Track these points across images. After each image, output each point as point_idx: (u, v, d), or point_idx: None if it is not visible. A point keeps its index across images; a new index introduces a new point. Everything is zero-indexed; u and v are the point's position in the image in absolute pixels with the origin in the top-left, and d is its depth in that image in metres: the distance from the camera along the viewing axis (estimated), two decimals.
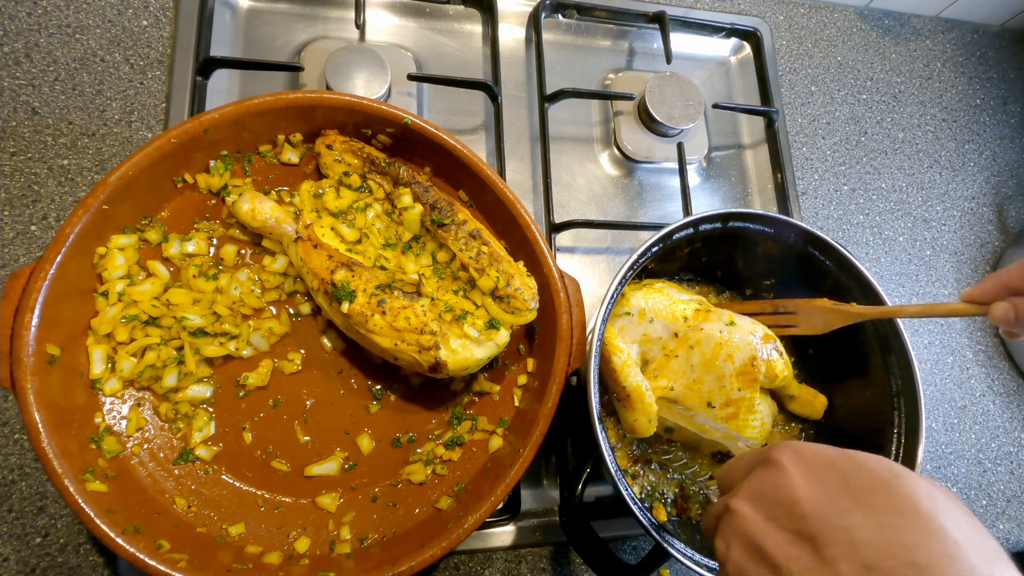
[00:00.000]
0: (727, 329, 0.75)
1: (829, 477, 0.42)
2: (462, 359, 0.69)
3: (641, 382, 0.73)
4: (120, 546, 0.58)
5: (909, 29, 1.29)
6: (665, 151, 1.03)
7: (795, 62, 1.19)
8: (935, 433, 1.05)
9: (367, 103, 0.73)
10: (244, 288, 0.74)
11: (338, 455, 0.74)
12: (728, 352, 0.73)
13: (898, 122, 1.22)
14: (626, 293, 0.78)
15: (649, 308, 0.77)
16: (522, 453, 0.68)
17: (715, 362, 0.73)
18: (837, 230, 1.11)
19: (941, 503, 0.38)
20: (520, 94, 1.01)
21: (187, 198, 0.74)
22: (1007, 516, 1.03)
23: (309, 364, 0.76)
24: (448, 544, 0.64)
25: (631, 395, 0.73)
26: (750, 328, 0.76)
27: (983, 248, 1.19)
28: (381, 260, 0.75)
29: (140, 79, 0.87)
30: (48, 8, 0.86)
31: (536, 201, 0.96)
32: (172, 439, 0.70)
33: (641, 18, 1.07)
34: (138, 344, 0.69)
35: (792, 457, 0.44)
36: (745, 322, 0.77)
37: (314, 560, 0.68)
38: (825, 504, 0.40)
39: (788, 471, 0.43)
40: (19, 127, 0.81)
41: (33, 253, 0.78)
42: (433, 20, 1.01)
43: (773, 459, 0.45)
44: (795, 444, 0.45)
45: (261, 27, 0.94)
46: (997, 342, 1.14)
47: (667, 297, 0.78)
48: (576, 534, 0.68)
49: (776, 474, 0.44)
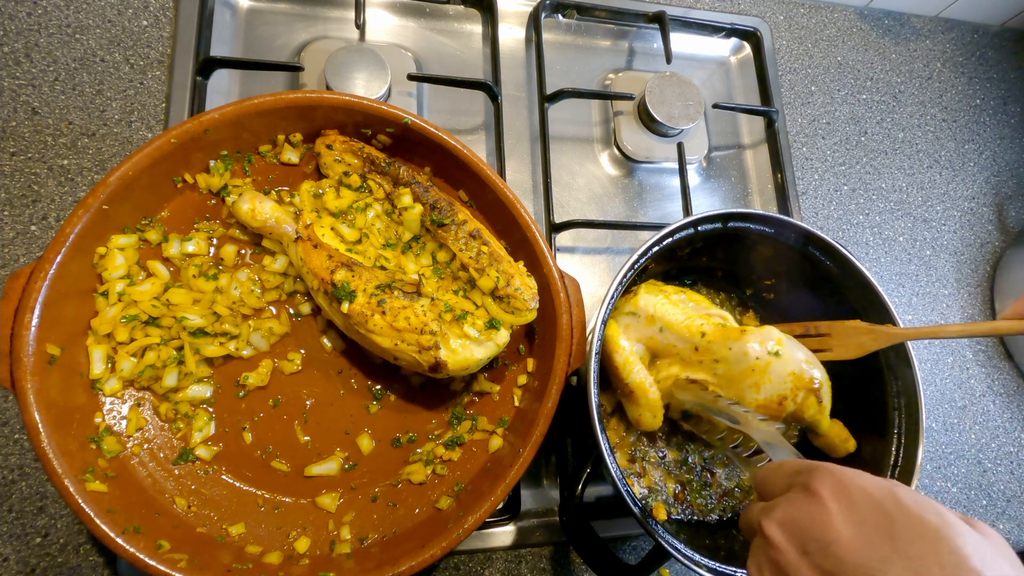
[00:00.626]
0: (768, 358, 0.68)
1: (871, 518, 0.39)
2: (462, 359, 0.69)
3: (644, 378, 0.73)
4: (120, 546, 0.58)
5: (909, 29, 1.29)
6: (665, 151, 1.03)
7: (795, 62, 1.19)
8: (935, 433, 1.05)
9: (367, 103, 0.73)
10: (244, 288, 0.74)
11: (338, 455, 0.74)
12: (756, 381, 0.69)
13: (898, 122, 1.22)
14: (636, 291, 0.77)
15: (659, 316, 0.74)
16: (522, 453, 0.68)
17: (740, 383, 0.70)
18: (837, 230, 1.11)
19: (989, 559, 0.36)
20: (520, 94, 1.01)
21: (187, 198, 0.74)
22: (1007, 516, 1.03)
23: (309, 364, 0.76)
24: (448, 544, 0.64)
25: (635, 391, 0.73)
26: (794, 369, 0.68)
27: (983, 248, 1.19)
28: (381, 260, 0.75)
29: (140, 79, 0.87)
30: (48, 8, 0.86)
31: (536, 201, 0.96)
32: (172, 439, 0.70)
33: (641, 18, 1.07)
34: (138, 344, 0.69)
35: (835, 490, 0.42)
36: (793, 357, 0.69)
37: (314, 560, 0.68)
38: (863, 549, 0.38)
39: (828, 507, 0.41)
40: (19, 127, 0.81)
41: (33, 253, 0.78)
42: (433, 20, 1.01)
43: (814, 489, 0.43)
44: (839, 473, 0.43)
45: (261, 27, 0.94)
46: (997, 342, 1.14)
47: (681, 311, 0.75)
48: (576, 534, 0.68)
49: (816, 507, 0.42)
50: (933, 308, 1.12)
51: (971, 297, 1.15)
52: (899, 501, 0.39)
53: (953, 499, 1.02)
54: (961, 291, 1.14)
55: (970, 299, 1.14)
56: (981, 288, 1.16)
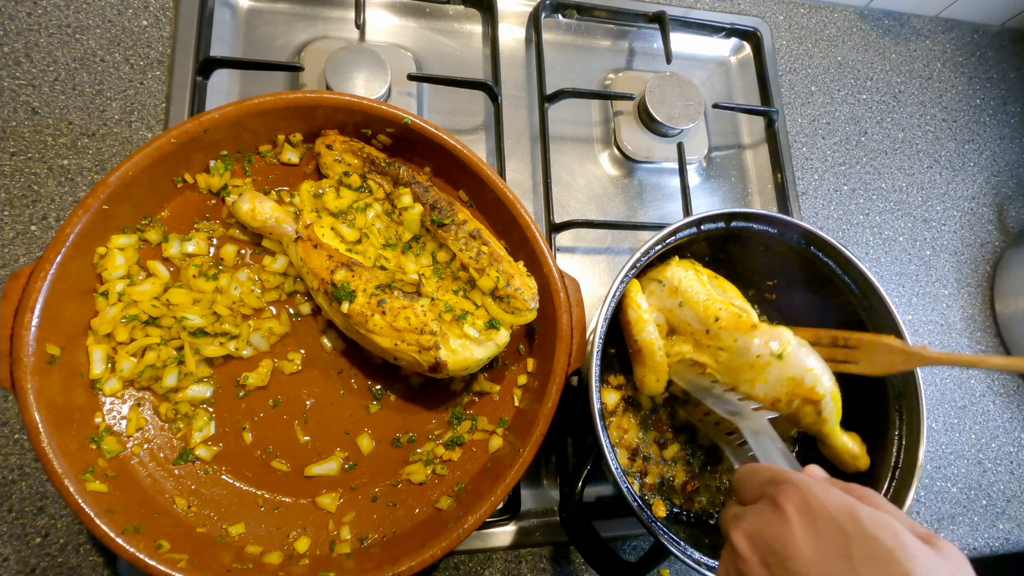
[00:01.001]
0: (770, 359, 0.68)
1: (830, 536, 0.41)
2: (462, 359, 0.69)
3: (655, 339, 0.73)
4: (120, 546, 0.58)
5: (909, 29, 1.29)
6: (665, 151, 1.03)
7: (795, 62, 1.19)
8: (935, 433, 1.05)
9: (367, 103, 0.73)
10: (244, 288, 0.74)
11: (338, 455, 0.74)
12: (752, 378, 0.69)
13: (898, 122, 1.22)
14: (669, 263, 0.77)
15: (681, 290, 0.74)
16: (522, 453, 0.68)
17: (740, 375, 0.70)
18: (837, 230, 1.11)
19: None
20: (520, 94, 1.01)
21: (187, 198, 0.74)
22: (1007, 516, 1.03)
23: (309, 364, 0.76)
24: (448, 544, 0.64)
25: (642, 349, 0.73)
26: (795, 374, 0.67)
27: (983, 248, 1.19)
28: (381, 260, 0.75)
29: (140, 79, 0.87)
30: (48, 8, 0.86)
31: (536, 201, 0.96)
32: (172, 439, 0.70)
33: (641, 18, 1.07)
34: (138, 344, 0.69)
35: (799, 506, 0.43)
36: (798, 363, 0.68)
37: (314, 560, 0.68)
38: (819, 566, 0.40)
39: (791, 522, 0.43)
40: (19, 127, 0.81)
41: (33, 253, 0.78)
42: (433, 20, 1.01)
43: (780, 503, 0.44)
44: (805, 489, 0.44)
45: (261, 27, 0.94)
46: (997, 342, 1.14)
47: (704, 292, 0.74)
48: (576, 531, 0.68)
49: (779, 522, 0.43)
50: (933, 308, 1.12)
51: (971, 297, 1.15)
52: (858, 521, 0.41)
53: (953, 499, 1.02)
54: (961, 291, 1.14)
55: (970, 299, 1.14)
56: (981, 288, 1.16)
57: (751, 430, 0.64)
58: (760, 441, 0.63)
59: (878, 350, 0.71)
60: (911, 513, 1.00)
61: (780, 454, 0.60)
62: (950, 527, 1.00)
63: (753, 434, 0.64)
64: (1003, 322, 1.13)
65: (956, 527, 1.00)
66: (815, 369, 0.69)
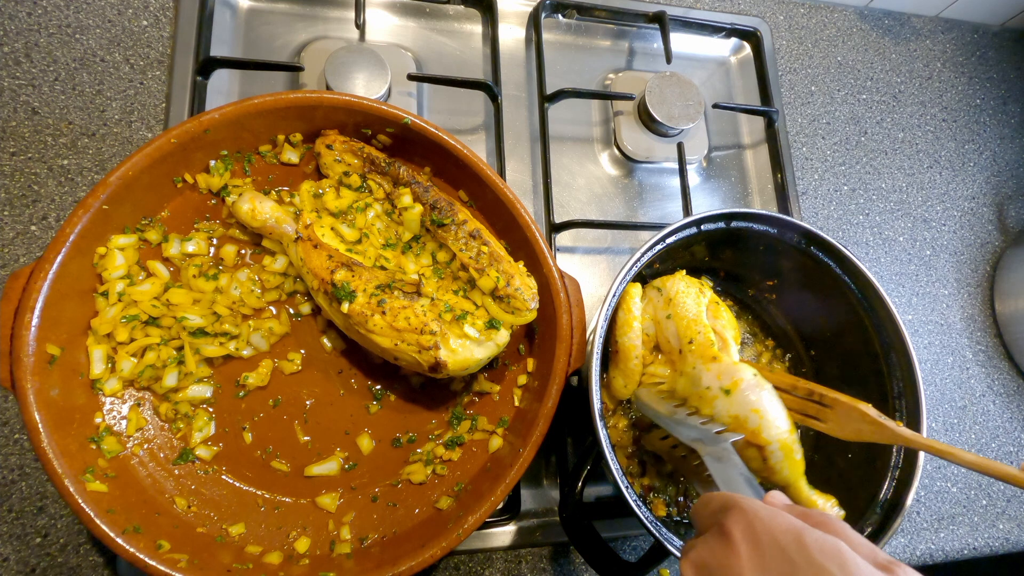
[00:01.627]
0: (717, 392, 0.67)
1: (775, 565, 0.40)
2: (462, 359, 0.69)
3: (636, 344, 0.73)
4: (120, 546, 0.58)
5: (909, 29, 1.29)
6: (665, 151, 1.03)
7: (795, 62, 1.19)
8: (935, 433, 1.05)
9: (367, 103, 0.73)
10: (244, 288, 0.74)
11: (338, 455, 0.74)
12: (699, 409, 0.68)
13: (898, 122, 1.22)
14: (676, 274, 0.77)
15: (674, 302, 0.74)
16: (522, 453, 0.68)
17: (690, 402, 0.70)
18: (837, 230, 1.11)
19: None
20: (520, 94, 1.01)
21: (187, 198, 0.74)
22: (1007, 516, 1.03)
23: (309, 364, 0.76)
24: (448, 544, 0.64)
25: (620, 351, 0.74)
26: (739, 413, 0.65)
27: (983, 248, 1.19)
28: (381, 260, 0.75)
29: (140, 79, 0.87)
30: (48, 8, 0.86)
31: (536, 201, 0.96)
32: (172, 439, 0.70)
33: (641, 18, 1.07)
34: (138, 344, 0.69)
35: (744, 533, 0.43)
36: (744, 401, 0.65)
37: (314, 560, 0.68)
38: None
39: (737, 550, 0.42)
40: (19, 127, 0.81)
41: (33, 253, 0.78)
42: (433, 20, 1.01)
43: (727, 530, 0.44)
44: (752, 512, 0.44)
45: (261, 27, 0.94)
46: (997, 342, 1.14)
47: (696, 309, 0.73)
48: (575, 531, 0.68)
49: (725, 550, 0.43)
50: (933, 308, 1.12)
51: (971, 297, 1.15)
52: (804, 548, 0.40)
53: (953, 499, 1.02)
54: (961, 291, 1.14)
55: (970, 299, 1.14)
56: (981, 288, 1.16)
57: (713, 456, 0.61)
58: (722, 468, 0.59)
59: (851, 415, 0.68)
60: (911, 513, 1.00)
61: (743, 479, 0.57)
62: (950, 527, 1.00)
63: (715, 460, 0.60)
64: (1003, 322, 1.13)
65: (956, 527, 1.00)
66: (764, 412, 0.65)
